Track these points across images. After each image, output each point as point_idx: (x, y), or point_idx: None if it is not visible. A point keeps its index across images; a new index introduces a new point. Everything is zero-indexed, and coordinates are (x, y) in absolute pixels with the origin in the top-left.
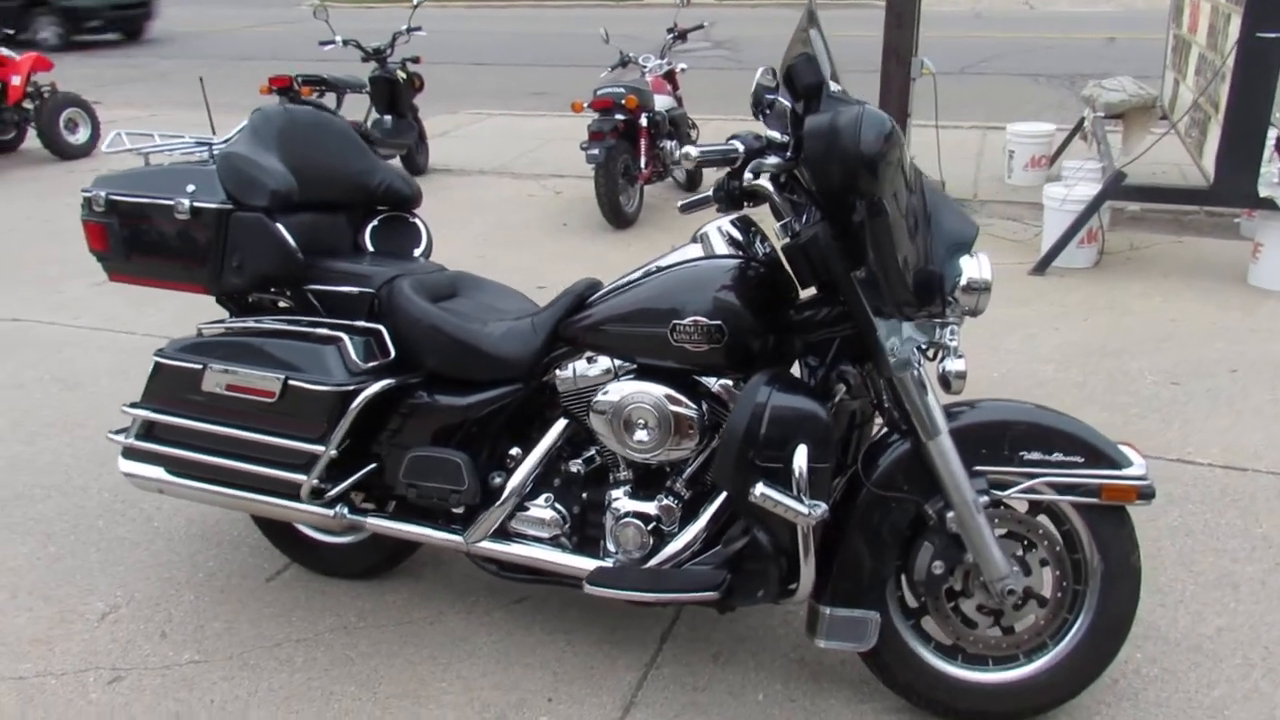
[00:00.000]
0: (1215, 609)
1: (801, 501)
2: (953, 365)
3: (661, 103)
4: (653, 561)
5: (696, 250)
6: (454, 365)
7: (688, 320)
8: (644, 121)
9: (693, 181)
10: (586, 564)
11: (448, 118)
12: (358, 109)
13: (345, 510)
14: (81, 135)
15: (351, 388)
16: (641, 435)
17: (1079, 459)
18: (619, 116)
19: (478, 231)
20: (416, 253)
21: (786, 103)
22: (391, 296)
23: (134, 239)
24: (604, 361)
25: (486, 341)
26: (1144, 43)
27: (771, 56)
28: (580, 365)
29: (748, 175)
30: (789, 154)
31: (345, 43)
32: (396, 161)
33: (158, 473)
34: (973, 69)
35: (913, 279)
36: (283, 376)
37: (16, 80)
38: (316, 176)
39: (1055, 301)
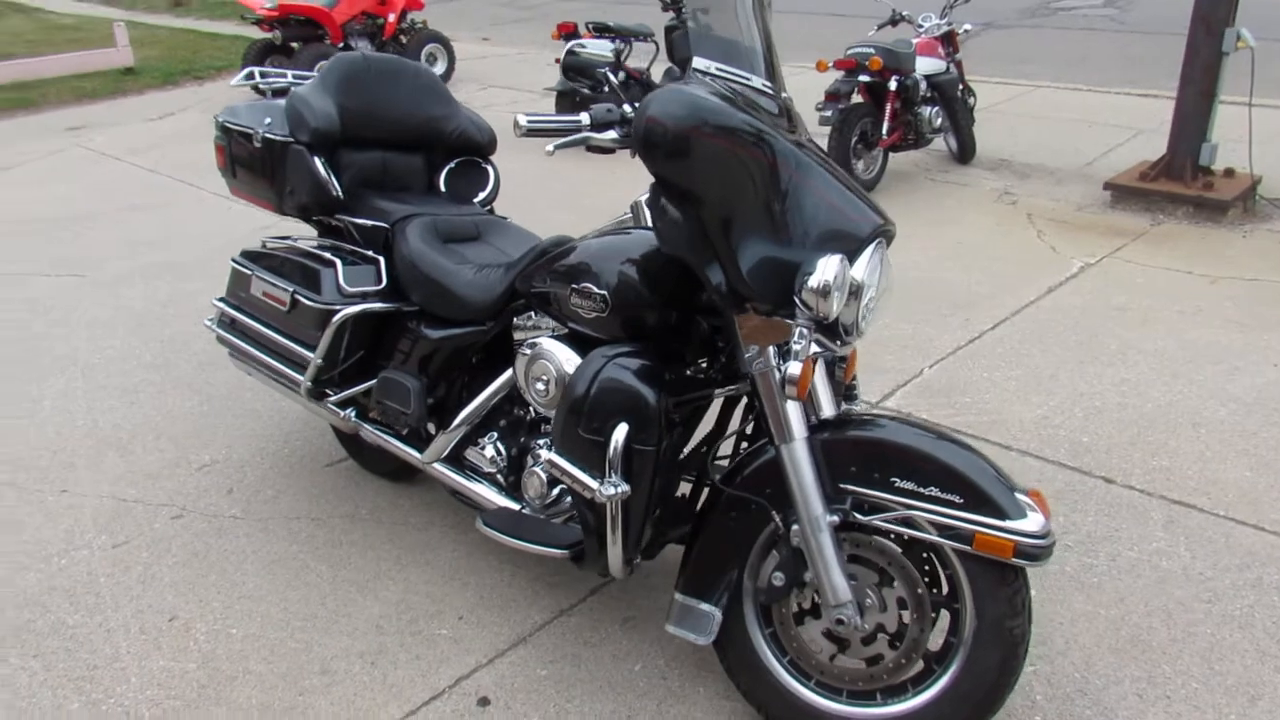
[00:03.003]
0: (1207, 716)
1: (599, 479)
2: (790, 369)
3: (926, 65)
4: (548, 512)
5: (629, 220)
6: (430, 300)
7: (581, 285)
8: (893, 85)
9: (964, 152)
10: (502, 504)
11: None
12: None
13: (353, 413)
14: (439, 68)
15: (336, 307)
16: (540, 387)
17: (955, 498)
18: (862, 78)
19: None
20: (480, 197)
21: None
22: (397, 233)
23: (236, 160)
24: (544, 317)
25: (455, 284)
26: None
27: (1166, 18)
28: (529, 316)
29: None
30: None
31: None
32: None
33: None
34: None
35: (754, 274)
36: (292, 289)
37: (392, 18)
38: (384, 118)
39: None
